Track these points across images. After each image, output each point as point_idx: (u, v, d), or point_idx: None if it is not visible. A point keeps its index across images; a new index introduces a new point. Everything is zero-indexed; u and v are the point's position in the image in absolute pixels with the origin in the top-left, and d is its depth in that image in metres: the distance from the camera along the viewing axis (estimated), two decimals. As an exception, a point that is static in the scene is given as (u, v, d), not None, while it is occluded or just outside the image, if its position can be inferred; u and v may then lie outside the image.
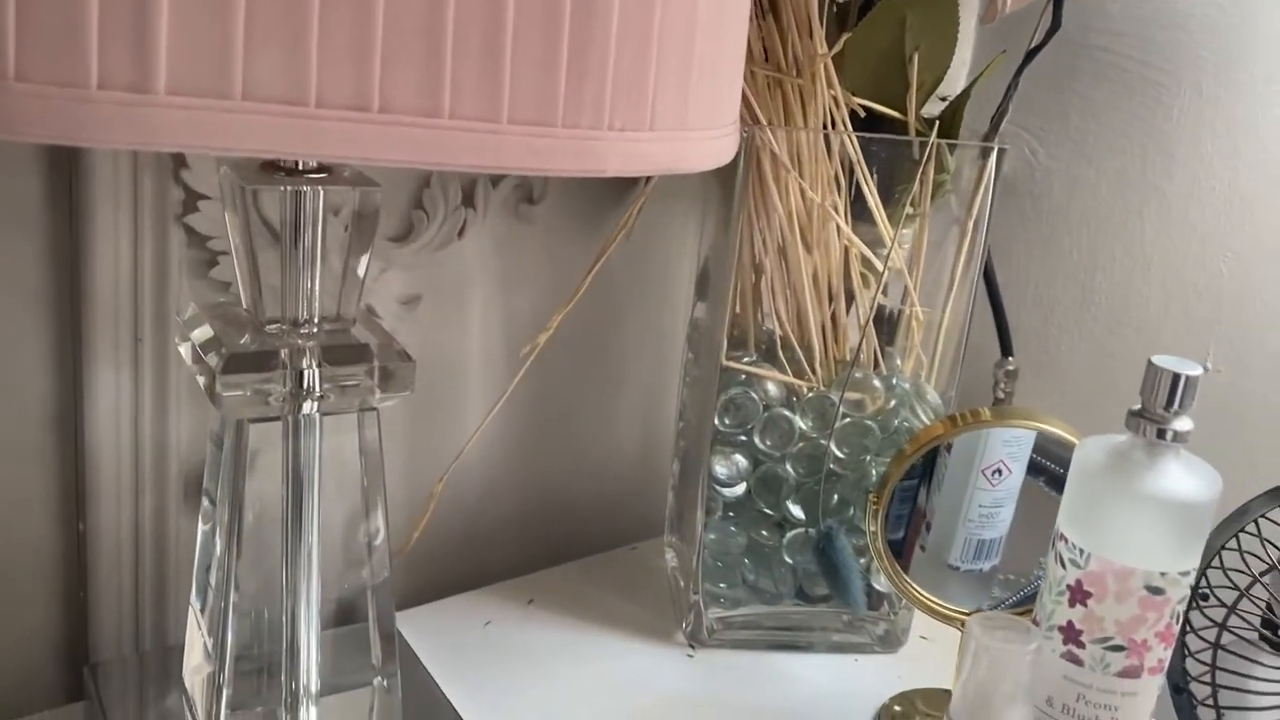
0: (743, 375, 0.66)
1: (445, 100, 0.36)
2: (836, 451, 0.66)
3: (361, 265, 0.49)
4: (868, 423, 0.66)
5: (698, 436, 0.69)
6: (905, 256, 0.66)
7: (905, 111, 0.63)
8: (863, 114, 0.63)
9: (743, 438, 0.67)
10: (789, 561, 0.69)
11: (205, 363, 0.47)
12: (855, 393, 0.66)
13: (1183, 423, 0.44)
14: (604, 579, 0.76)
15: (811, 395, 0.66)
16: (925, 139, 0.61)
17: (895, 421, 0.67)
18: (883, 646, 0.71)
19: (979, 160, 0.63)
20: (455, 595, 0.72)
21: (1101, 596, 0.44)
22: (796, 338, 0.66)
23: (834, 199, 0.63)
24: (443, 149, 0.36)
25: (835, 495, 0.68)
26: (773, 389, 0.66)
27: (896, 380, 0.68)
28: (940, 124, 0.63)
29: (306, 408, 0.48)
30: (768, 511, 0.68)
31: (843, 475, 0.67)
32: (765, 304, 0.67)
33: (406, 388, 0.49)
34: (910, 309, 0.67)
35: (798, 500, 0.68)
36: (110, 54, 0.31)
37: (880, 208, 0.63)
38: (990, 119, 0.64)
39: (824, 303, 0.66)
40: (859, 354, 0.64)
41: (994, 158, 0.62)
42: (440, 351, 0.71)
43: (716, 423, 0.66)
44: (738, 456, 0.67)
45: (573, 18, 0.36)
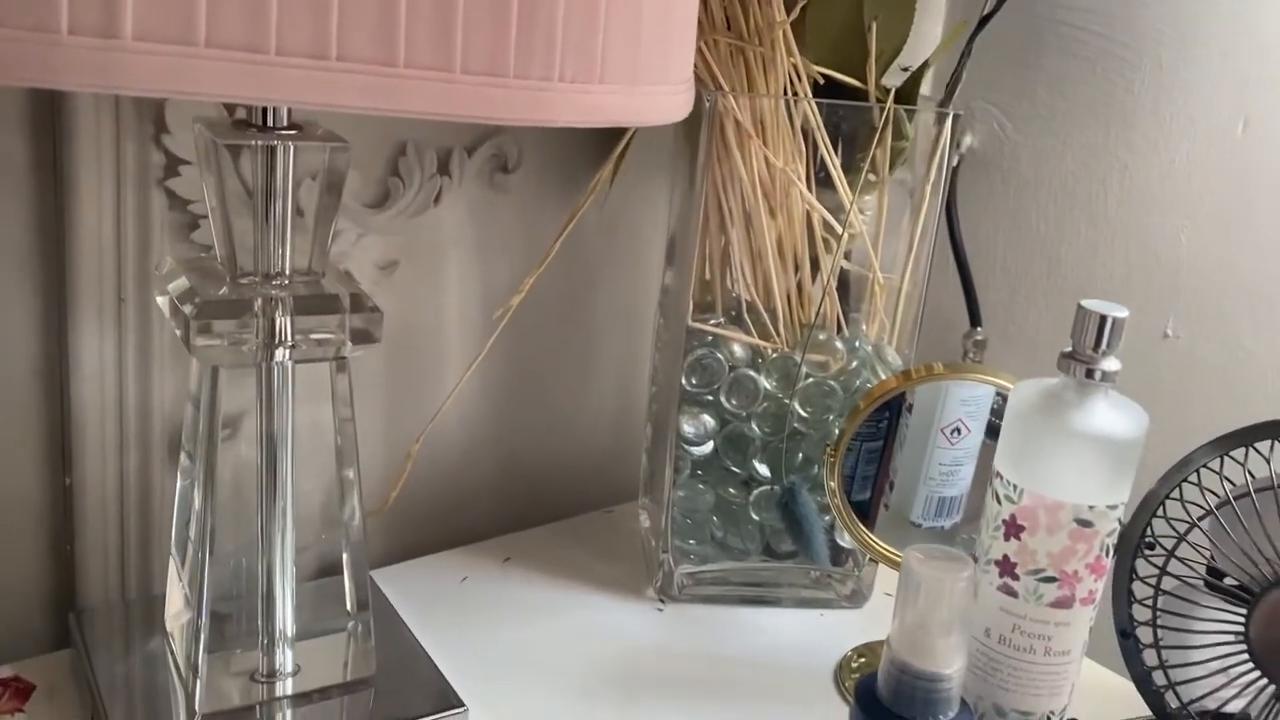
0: (709, 337, 0.68)
1: (400, 50, 0.38)
2: (800, 411, 0.68)
3: (331, 220, 0.51)
4: (830, 383, 0.68)
5: (667, 398, 0.71)
6: (868, 224, 0.68)
7: (865, 81, 0.65)
8: (822, 82, 0.65)
9: (709, 398, 0.69)
10: (756, 518, 0.71)
11: (182, 312, 0.49)
12: (818, 354, 0.68)
13: (1110, 363, 0.46)
14: (579, 540, 0.78)
15: (776, 356, 0.68)
16: (883, 105, 0.63)
17: (857, 382, 0.69)
18: (850, 603, 0.73)
19: (935, 127, 0.65)
20: (433, 554, 0.75)
21: (1034, 530, 0.46)
22: (763, 302, 0.68)
23: (796, 165, 0.65)
24: (398, 96, 0.38)
25: (800, 454, 0.70)
26: (739, 350, 0.69)
27: (859, 343, 0.70)
28: (900, 93, 0.65)
29: (279, 356, 0.50)
30: (735, 470, 0.70)
31: (806, 434, 0.69)
32: (734, 270, 0.69)
33: (376, 338, 0.51)
34: (872, 274, 0.69)
35: (764, 459, 0.70)
36: (80, 1, 0.33)
37: (840, 173, 0.65)
38: (945, 85, 0.66)
39: (789, 268, 0.68)
40: (818, 313, 0.66)
41: (949, 123, 0.64)
42: (418, 316, 0.73)
43: (684, 382, 0.68)
44: (705, 416, 0.70)
45: (522, -27, 0.38)
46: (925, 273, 0.69)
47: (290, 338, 0.50)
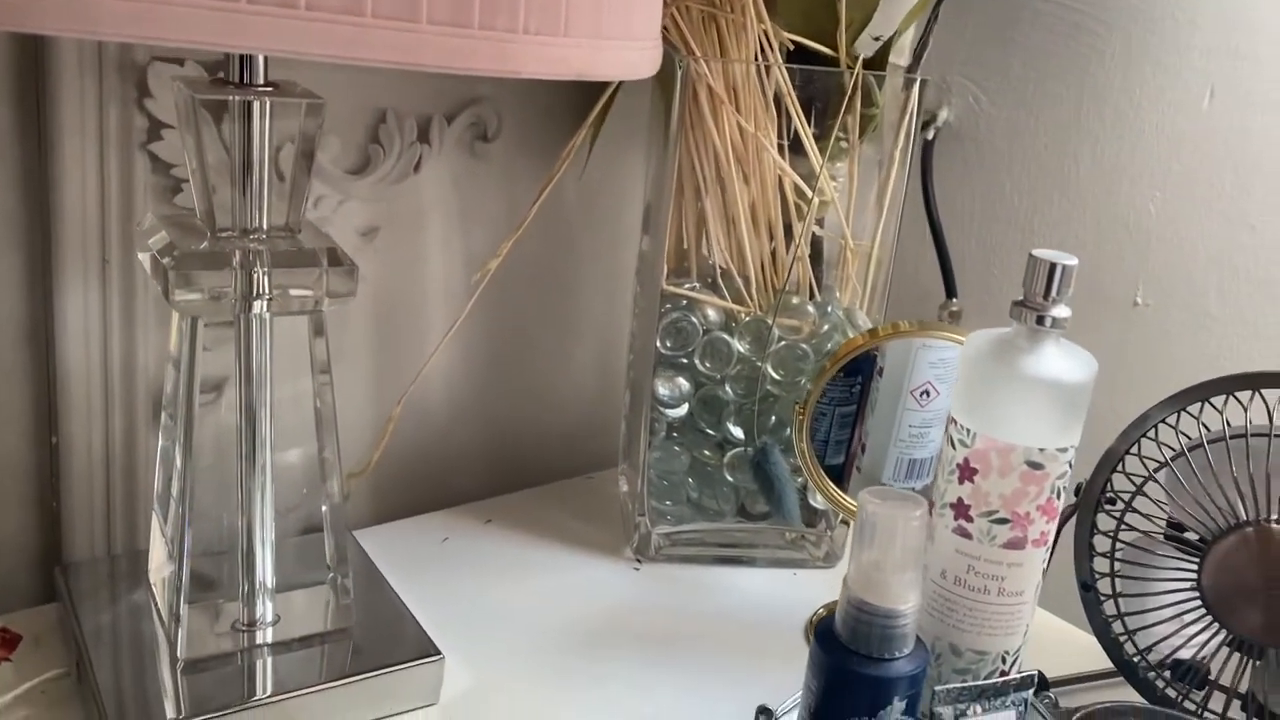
0: (684, 300, 0.69)
1: (368, 0, 0.39)
2: (773, 373, 0.70)
3: (307, 178, 0.52)
4: (802, 346, 0.70)
5: (645, 363, 0.72)
6: (840, 190, 0.70)
7: (836, 48, 0.67)
8: (792, 48, 0.66)
9: (684, 361, 0.70)
10: (730, 480, 0.72)
11: (162, 266, 0.50)
12: (791, 319, 0.70)
13: (1060, 310, 0.48)
14: (559, 503, 0.80)
15: (749, 320, 0.70)
16: (852, 70, 0.65)
17: (829, 345, 0.70)
18: (825, 564, 0.75)
19: (904, 92, 0.67)
20: (416, 516, 0.76)
21: (986, 472, 0.48)
22: (737, 268, 0.70)
23: (769, 132, 0.66)
24: (365, 45, 0.39)
25: (773, 416, 0.71)
26: (712, 314, 0.70)
27: (831, 308, 0.71)
28: (870, 62, 0.66)
29: (257, 308, 0.51)
30: (709, 432, 0.72)
31: (779, 397, 0.71)
32: (709, 236, 0.70)
33: (351, 291, 0.53)
34: (844, 241, 0.70)
35: (738, 421, 0.71)
36: (55, -52, 0.35)
37: (811, 138, 0.66)
38: (912, 51, 0.68)
39: (762, 235, 0.69)
40: (789, 274, 0.68)
41: (916, 89, 0.66)
42: (399, 282, 0.74)
43: (658, 345, 0.70)
44: (680, 379, 0.71)
45: (485, -74, 0.39)
46: (894, 238, 0.70)
47: (268, 290, 0.51)
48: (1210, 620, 0.55)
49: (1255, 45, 0.72)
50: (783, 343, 0.70)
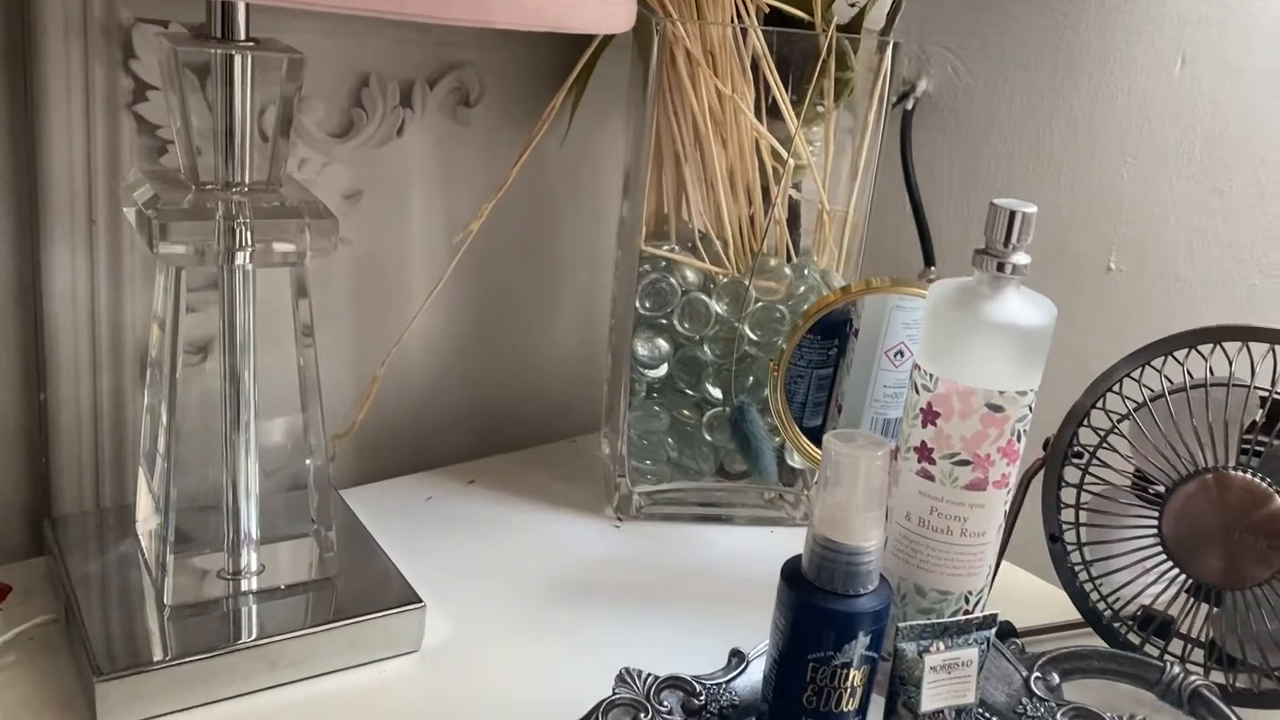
0: (663, 262, 0.71)
1: (344, -51, 0.40)
2: (750, 334, 0.71)
3: (288, 133, 0.53)
4: (779, 307, 0.71)
5: (625, 326, 0.74)
6: (816, 154, 0.71)
7: (812, 12, 0.68)
8: (767, 11, 0.67)
9: (663, 321, 0.72)
10: (709, 439, 0.74)
11: (146, 218, 0.51)
12: (767, 280, 0.71)
13: (1020, 257, 0.49)
14: (542, 465, 0.81)
15: (726, 281, 0.71)
16: (826, 33, 0.66)
17: (804, 306, 0.71)
18: (802, 522, 0.76)
19: (877, 55, 0.68)
20: (400, 476, 0.77)
21: (948, 415, 0.49)
22: (715, 232, 0.71)
23: (746, 95, 0.67)
24: (343, -7, 0.40)
25: (750, 376, 0.73)
26: (691, 275, 0.71)
27: (808, 270, 0.72)
28: (846, 28, 0.68)
29: (239, 259, 0.53)
30: (688, 392, 0.73)
31: (757, 357, 0.72)
32: (688, 200, 0.71)
33: (331, 243, 0.54)
34: (820, 204, 0.72)
35: (716, 381, 0.73)
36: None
37: (787, 102, 0.68)
38: (886, 15, 0.69)
39: (740, 199, 0.70)
40: (764, 236, 0.69)
41: (889, 51, 0.67)
42: (382, 245, 0.75)
43: (638, 306, 0.71)
44: (659, 340, 0.72)
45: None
46: (869, 201, 0.71)
47: (251, 242, 0.52)
48: (1171, 566, 0.57)
49: (1225, 13, 0.73)
50: (760, 304, 0.71)
